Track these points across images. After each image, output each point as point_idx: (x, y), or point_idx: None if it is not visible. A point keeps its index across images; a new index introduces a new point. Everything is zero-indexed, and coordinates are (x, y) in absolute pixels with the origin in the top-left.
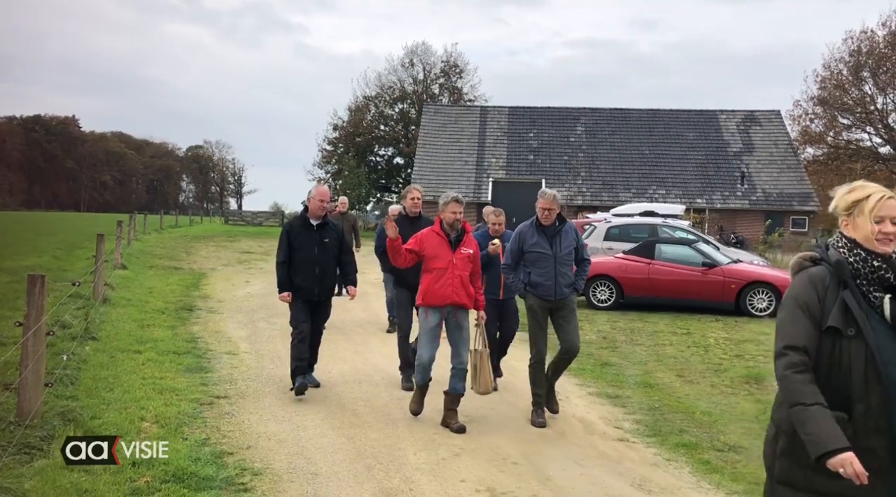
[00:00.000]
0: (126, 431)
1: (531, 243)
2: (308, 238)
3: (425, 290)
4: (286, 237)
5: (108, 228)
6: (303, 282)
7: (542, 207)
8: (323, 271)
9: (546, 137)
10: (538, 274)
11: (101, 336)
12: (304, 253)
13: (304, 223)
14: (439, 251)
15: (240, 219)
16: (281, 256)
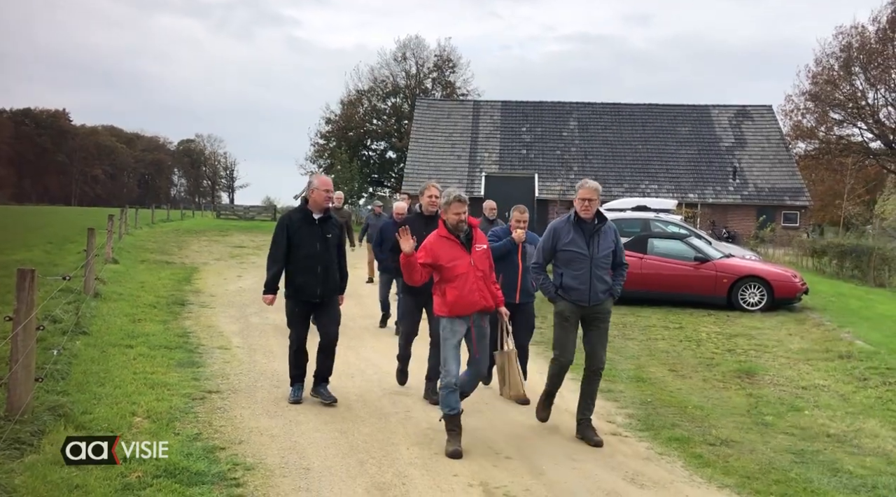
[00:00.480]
0: (118, 426)
1: (566, 241)
2: (309, 233)
3: (453, 301)
4: (284, 232)
5: (99, 222)
6: (304, 282)
7: (581, 198)
8: (326, 270)
9: (539, 132)
10: (571, 276)
11: (93, 331)
12: (306, 249)
13: (304, 217)
14: (455, 256)
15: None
16: (276, 253)
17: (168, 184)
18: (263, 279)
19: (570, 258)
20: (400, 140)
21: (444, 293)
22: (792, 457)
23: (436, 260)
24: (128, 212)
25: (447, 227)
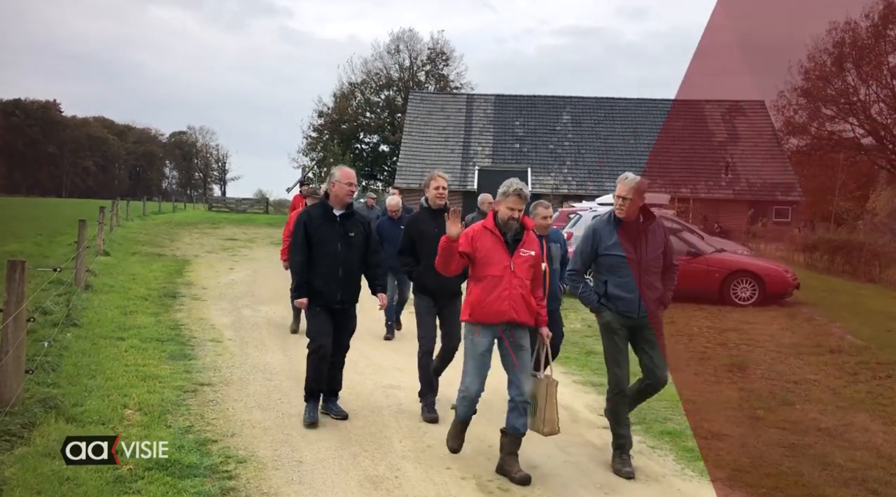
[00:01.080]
0: (109, 419)
1: (609, 244)
2: (330, 231)
3: (475, 302)
4: (303, 230)
5: (90, 214)
6: (324, 285)
7: (617, 195)
8: (347, 272)
9: (532, 126)
10: (617, 284)
11: (83, 323)
12: (326, 249)
13: (324, 213)
14: (493, 254)
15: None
16: (299, 254)
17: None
18: (256, 271)
19: (614, 263)
20: (393, 133)
21: (470, 292)
22: (783, 450)
23: (472, 250)
24: (119, 204)
25: (495, 220)
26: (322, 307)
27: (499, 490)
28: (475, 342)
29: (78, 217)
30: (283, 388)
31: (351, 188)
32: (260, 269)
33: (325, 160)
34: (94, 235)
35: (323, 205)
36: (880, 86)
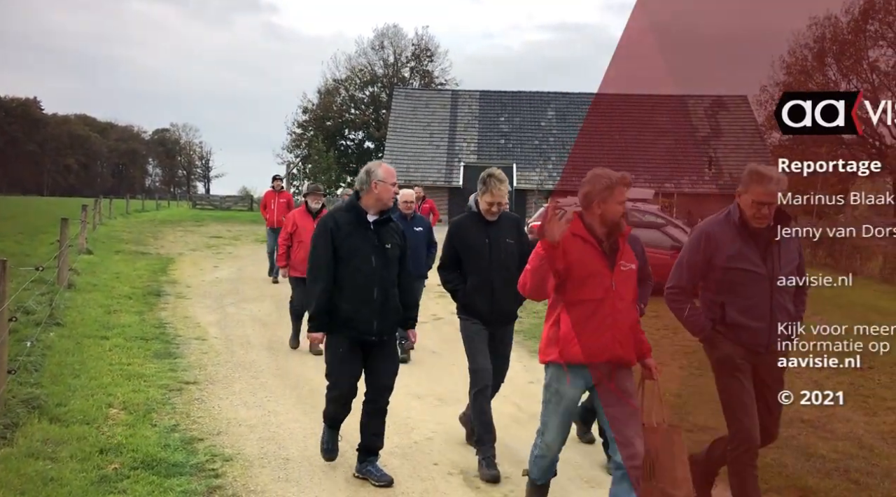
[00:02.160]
0: (93, 418)
1: (731, 254)
2: (363, 242)
3: (566, 336)
4: (328, 239)
5: (72, 213)
6: (354, 311)
7: (757, 201)
8: (385, 294)
9: (517, 122)
10: (741, 308)
11: (67, 322)
12: (357, 264)
13: (356, 218)
14: (590, 267)
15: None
16: (319, 270)
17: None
18: (241, 269)
19: (738, 280)
20: (378, 130)
21: (558, 322)
22: None
23: (566, 264)
24: (102, 202)
25: (585, 224)
26: (351, 341)
27: (485, 485)
28: (562, 391)
29: (60, 215)
30: (269, 386)
31: (395, 189)
32: (245, 266)
33: (310, 157)
34: (77, 234)
35: (354, 208)
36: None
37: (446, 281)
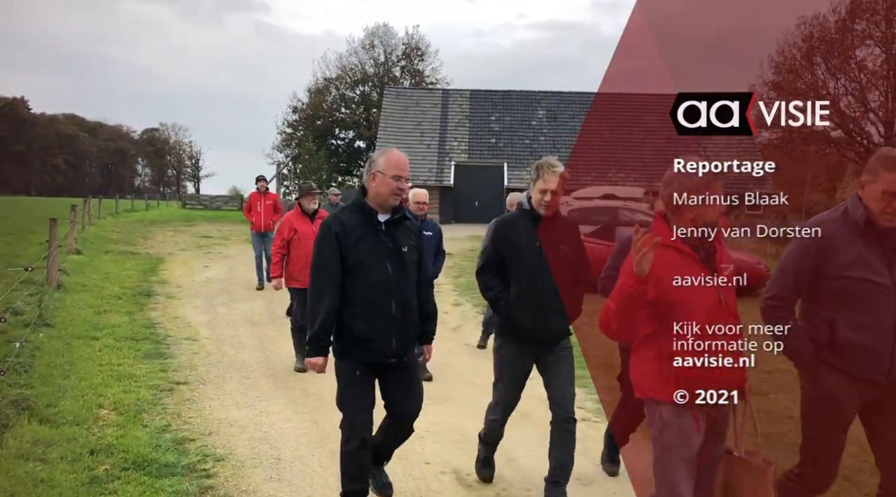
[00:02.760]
0: (84, 419)
1: (848, 259)
2: (376, 247)
3: (688, 371)
4: (334, 245)
5: (61, 213)
6: (370, 329)
7: (889, 190)
8: (403, 307)
9: (508, 121)
10: (856, 324)
11: (56, 322)
12: (370, 274)
13: (366, 219)
14: (690, 281)
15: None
16: (324, 282)
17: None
18: (231, 269)
19: (855, 291)
20: (368, 129)
21: (664, 350)
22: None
23: (657, 283)
24: (91, 202)
25: (671, 226)
26: (366, 365)
27: (477, 484)
28: (684, 435)
29: (49, 215)
30: (261, 386)
31: (403, 176)
32: (235, 266)
33: (300, 156)
34: (66, 234)
35: (362, 207)
36: (848, 79)
37: (487, 288)
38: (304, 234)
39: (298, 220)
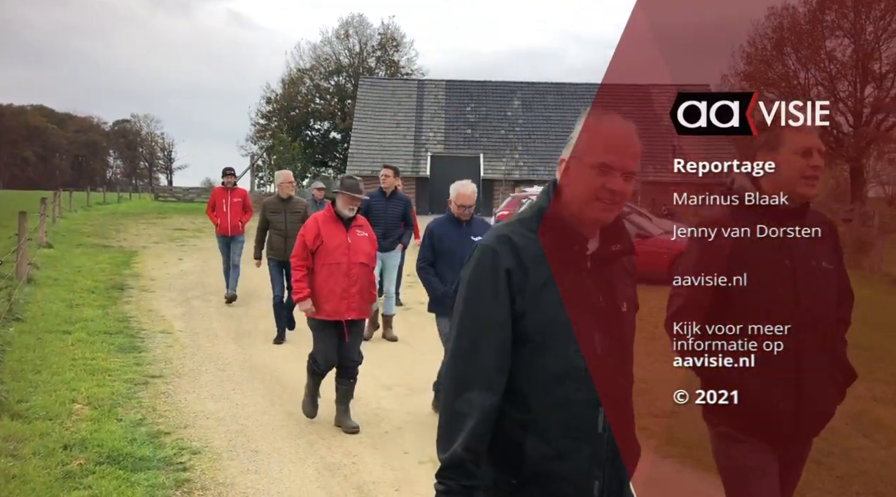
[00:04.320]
0: (57, 414)
1: None
2: (580, 301)
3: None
4: (504, 293)
5: (30, 206)
6: (560, 456)
7: None
8: (619, 421)
9: (483, 111)
10: None
11: (27, 317)
12: (570, 355)
13: (562, 248)
14: None
15: (170, 195)
16: (489, 366)
17: (103, 166)
18: (205, 261)
19: None
20: (343, 120)
21: None
22: None
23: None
24: (61, 195)
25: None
26: None
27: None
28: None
29: (17, 209)
30: (237, 378)
31: (614, 183)
32: (210, 258)
33: (275, 148)
34: (36, 227)
35: (555, 224)
36: (818, 69)
37: None
38: (333, 245)
39: (328, 224)
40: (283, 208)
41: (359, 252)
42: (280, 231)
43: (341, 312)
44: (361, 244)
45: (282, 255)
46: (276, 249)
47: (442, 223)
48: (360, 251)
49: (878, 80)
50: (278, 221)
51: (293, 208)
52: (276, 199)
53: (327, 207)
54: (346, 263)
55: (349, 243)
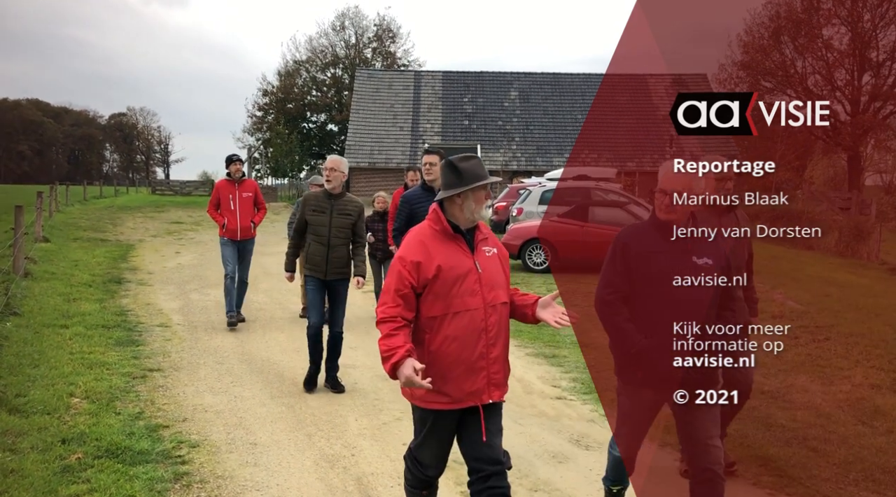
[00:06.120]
0: (55, 408)
1: None
2: None
3: None
4: None
5: (27, 200)
6: None
7: None
8: None
9: (480, 102)
10: None
11: (24, 311)
12: None
13: None
14: None
15: (167, 188)
16: None
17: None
18: (202, 255)
19: None
20: (340, 112)
21: None
22: None
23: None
24: (58, 189)
25: None
26: None
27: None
28: None
29: (14, 203)
30: (235, 372)
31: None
32: (207, 252)
33: (272, 140)
34: (32, 221)
35: None
36: (815, 58)
37: None
38: (453, 278)
39: (439, 242)
40: (330, 207)
41: (495, 285)
42: (321, 238)
43: (477, 393)
44: (495, 271)
45: (323, 272)
46: (316, 264)
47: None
48: (495, 283)
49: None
50: (320, 225)
51: (343, 208)
52: (322, 193)
53: (432, 214)
54: (481, 307)
55: (479, 273)
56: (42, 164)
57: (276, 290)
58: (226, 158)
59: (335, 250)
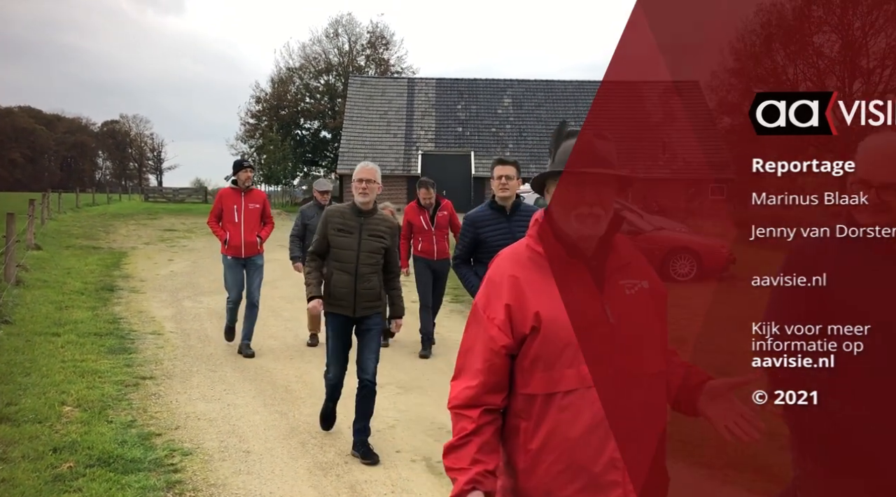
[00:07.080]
0: (46, 417)
1: None
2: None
3: None
4: None
5: (19, 207)
6: None
7: None
8: None
9: (474, 109)
10: None
11: (16, 319)
12: None
13: None
14: None
15: (160, 196)
16: None
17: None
18: (195, 262)
19: None
20: (334, 119)
21: None
22: None
23: None
24: (50, 196)
25: None
26: None
27: None
28: None
29: (5, 211)
30: (228, 379)
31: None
32: (200, 259)
33: (265, 147)
34: (24, 229)
35: None
36: (806, 65)
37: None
38: (584, 325)
39: (564, 273)
40: (359, 226)
41: (639, 343)
42: (347, 266)
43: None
44: (640, 320)
45: (351, 307)
46: (341, 298)
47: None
48: (641, 340)
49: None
50: (347, 248)
51: (375, 228)
52: (349, 208)
53: (533, 227)
54: (613, 382)
55: (611, 324)
56: (34, 172)
57: (268, 297)
58: (234, 163)
59: (364, 280)
